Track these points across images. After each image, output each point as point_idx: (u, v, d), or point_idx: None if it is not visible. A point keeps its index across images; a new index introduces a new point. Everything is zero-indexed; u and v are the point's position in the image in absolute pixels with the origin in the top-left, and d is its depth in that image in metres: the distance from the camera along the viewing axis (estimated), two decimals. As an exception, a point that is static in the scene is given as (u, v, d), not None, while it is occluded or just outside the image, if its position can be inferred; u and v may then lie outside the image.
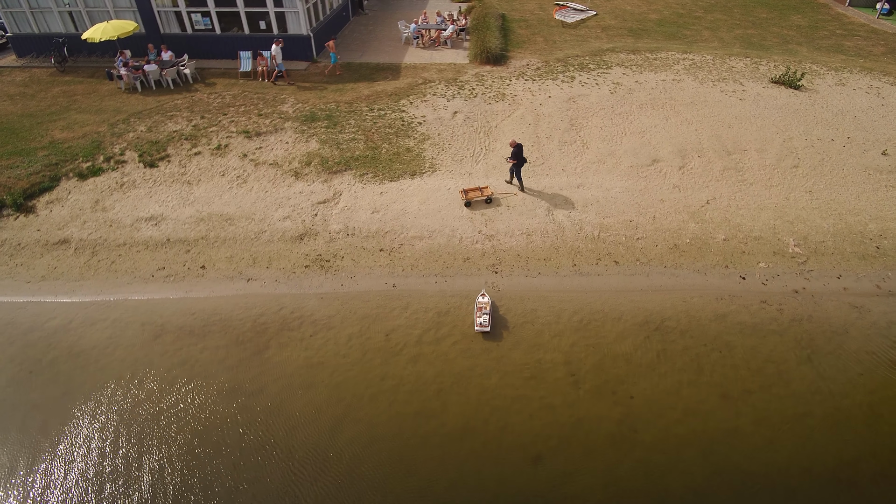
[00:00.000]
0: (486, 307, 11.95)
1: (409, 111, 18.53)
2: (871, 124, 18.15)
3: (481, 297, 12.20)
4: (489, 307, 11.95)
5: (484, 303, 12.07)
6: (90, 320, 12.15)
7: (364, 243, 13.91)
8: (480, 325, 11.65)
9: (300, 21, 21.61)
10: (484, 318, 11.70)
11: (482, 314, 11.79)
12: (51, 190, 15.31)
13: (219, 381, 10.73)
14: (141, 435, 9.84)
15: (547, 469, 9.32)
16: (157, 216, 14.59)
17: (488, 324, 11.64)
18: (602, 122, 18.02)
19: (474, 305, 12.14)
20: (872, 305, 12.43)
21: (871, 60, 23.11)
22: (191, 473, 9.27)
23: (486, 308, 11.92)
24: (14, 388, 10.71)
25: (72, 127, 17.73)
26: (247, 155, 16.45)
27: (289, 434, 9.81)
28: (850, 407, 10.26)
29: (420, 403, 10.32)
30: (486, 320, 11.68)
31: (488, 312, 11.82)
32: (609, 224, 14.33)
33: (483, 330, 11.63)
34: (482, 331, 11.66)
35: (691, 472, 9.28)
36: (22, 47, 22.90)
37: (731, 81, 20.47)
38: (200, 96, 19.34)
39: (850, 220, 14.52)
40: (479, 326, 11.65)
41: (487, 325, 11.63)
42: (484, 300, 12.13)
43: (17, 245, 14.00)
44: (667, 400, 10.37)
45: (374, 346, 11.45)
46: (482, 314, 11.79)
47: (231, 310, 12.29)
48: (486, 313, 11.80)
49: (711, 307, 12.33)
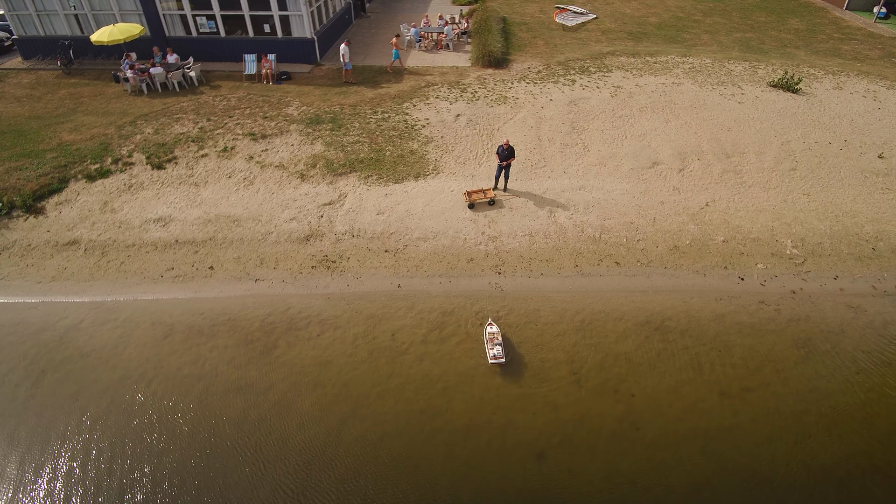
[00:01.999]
0: (497, 337, 11.46)
1: (413, 114, 18.77)
2: (868, 128, 18.42)
3: (490, 327, 11.70)
4: (500, 336, 11.47)
5: (494, 333, 11.55)
6: (100, 320, 12.37)
7: (369, 244, 14.14)
8: (495, 357, 11.13)
9: (304, 24, 21.85)
10: (498, 350, 11.23)
11: (495, 345, 11.29)
12: (60, 191, 15.53)
13: (228, 379, 10.95)
14: (152, 433, 10.05)
15: (550, 466, 9.54)
16: (165, 217, 14.81)
17: (503, 355, 11.17)
18: (603, 125, 18.27)
19: (484, 336, 11.63)
20: (868, 306, 12.68)
21: (868, 64, 23.39)
22: (200, 470, 9.48)
23: (497, 338, 11.43)
24: (27, 386, 10.91)
25: (79, 129, 17.94)
26: (253, 157, 16.68)
27: (298, 431, 10.02)
28: (847, 404, 10.50)
29: (426, 401, 10.54)
30: (500, 351, 11.21)
31: (501, 343, 11.33)
32: (610, 226, 14.58)
33: (498, 362, 11.11)
34: (497, 363, 11.12)
35: (692, 468, 9.51)
36: (28, 49, 23.11)
37: (730, 85, 20.74)
38: (206, 99, 19.57)
39: (847, 222, 14.78)
40: (493, 359, 11.12)
41: (502, 356, 11.16)
42: (493, 330, 11.63)
43: (28, 246, 14.21)
44: (667, 398, 10.60)
45: (381, 345, 11.67)
46: (495, 345, 11.29)
47: (239, 310, 12.51)
48: (499, 343, 11.32)
49: (711, 307, 12.57)
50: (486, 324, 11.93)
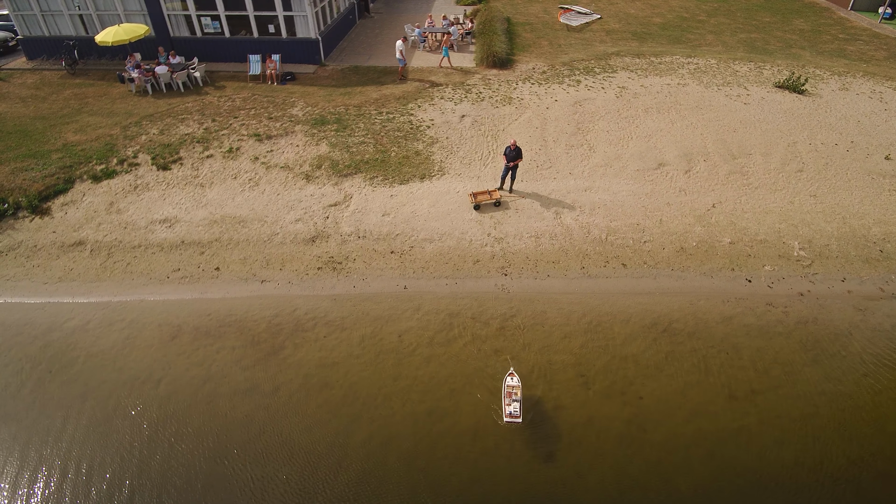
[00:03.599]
0: (516, 392, 10.03)
1: (418, 115, 18.75)
2: (875, 129, 18.37)
3: (510, 379, 10.30)
4: (520, 392, 10.04)
5: (514, 386, 10.12)
6: (107, 321, 12.38)
7: (375, 245, 14.13)
8: (511, 415, 9.74)
9: (309, 25, 21.83)
10: (515, 407, 9.80)
11: (512, 401, 9.90)
12: (65, 192, 15.53)
13: (236, 380, 10.95)
14: (159, 434, 10.05)
15: (558, 468, 9.53)
16: (170, 218, 14.81)
17: (519, 413, 9.77)
18: (608, 126, 18.24)
19: (502, 388, 10.30)
20: (876, 308, 12.64)
21: (874, 65, 23.32)
22: (208, 471, 9.48)
23: (516, 393, 10.01)
24: (35, 387, 10.92)
25: (84, 129, 17.95)
26: (258, 158, 16.67)
27: (306, 432, 10.02)
28: (855, 407, 10.47)
29: (433, 403, 10.53)
30: (517, 409, 9.77)
31: (519, 399, 9.93)
32: (616, 227, 14.55)
33: (514, 421, 9.74)
34: (512, 422, 9.75)
35: (700, 470, 9.49)
36: (32, 50, 23.12)
37: (736, 86, 20.69)
38: (211, 99, 19.56)
39: (854, 223, 14.74)
40: (508, 417, 9.75)
41: (518, 414, 9.75)
42: (514, 382, 10.19)
43: (34, 247, 14.22)
44: (675, 400, 10.58)
45: (388, 346, 11.66)
46: (512, 401, 9.90)
47: (246, 311, 12.51)
48: (517, 399, 9.91)
49: (718, 309, 12.55)
50: (506, 373, 10.59)
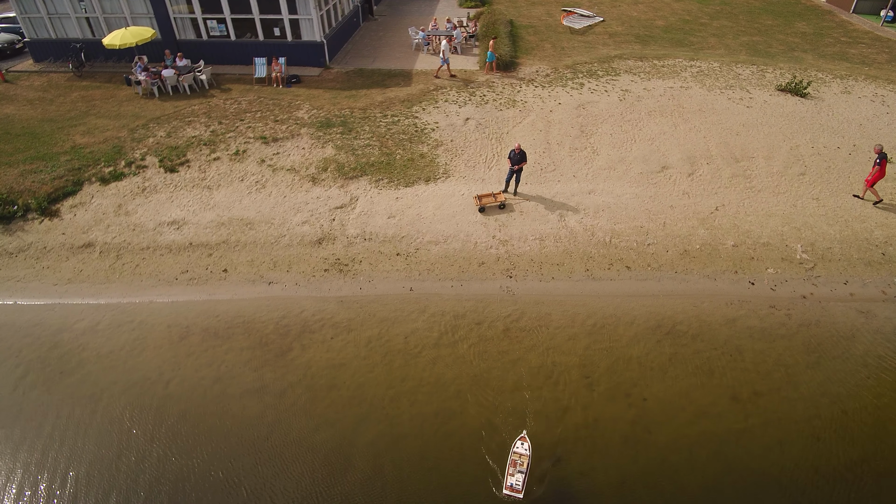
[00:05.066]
0: (523, 462, 9.06)
1: (422, 117, 18.89)
2: (877, 132, 18.46)
3: (520, 444, 9.30)
4: (528, 462, 9.06)
5: (522, 455, 9.16)
6: (117, 322, 12.52)
7: (381, 248, 14.26)
8: (511, 487, 8.76)
9: (314, 28, 21.99)
10: (518, 479, 8.84)
11: (517, 472, 8.96)
12: (74, 194, 15.68)
13: (245, 381, 11.08)
14: (170, 435, 10.18)
15: (564, 469, 9.64)
16: (178, 220, 14.96)
17: (522, 487, 8.76)
18: (612, 129, 18.36)
19: (508, 456, 9.27)
20: (878, 311, 12.75)
21: (876, 68, 23.42)
22: (218, 469, 9.61)
23: (523, 463, 9.04)
24: (46, 387, 11.06)
25: (92, 132, 18.11)
26: (264, 160, 16.82)
27: (314, 432, 10.14)
28: (857, 409, 10.58)
29: (440, 403, 10.65)
30: (519, 482, 8.80)
31: (525, 471, 8.96)
32: (620, 230, 14.67)
33: (513, 496, 8.71)
34: (512, 496, 8.73)
35: (703, 471, 9.60)
36: (39, 52, 23.31)
37: (738, 89, 20.81)
38: (217, 102, 19.72)
39: (857, 226, 14.84)
40: (508, 489, 8.75)
41: (521, 488, 8.74)
42: (522, 450, 9.20)
43: (43, 248, 14.37)
44: (679, 402, 10.69)
45: (394, 348, 11.79)
46: (517, 472, 8.96)
47: (254, 312, 12.65)
48: (522, 471, 8.94)
49: (721, 312, 12.66)
50: (517, 437, 9.61)
